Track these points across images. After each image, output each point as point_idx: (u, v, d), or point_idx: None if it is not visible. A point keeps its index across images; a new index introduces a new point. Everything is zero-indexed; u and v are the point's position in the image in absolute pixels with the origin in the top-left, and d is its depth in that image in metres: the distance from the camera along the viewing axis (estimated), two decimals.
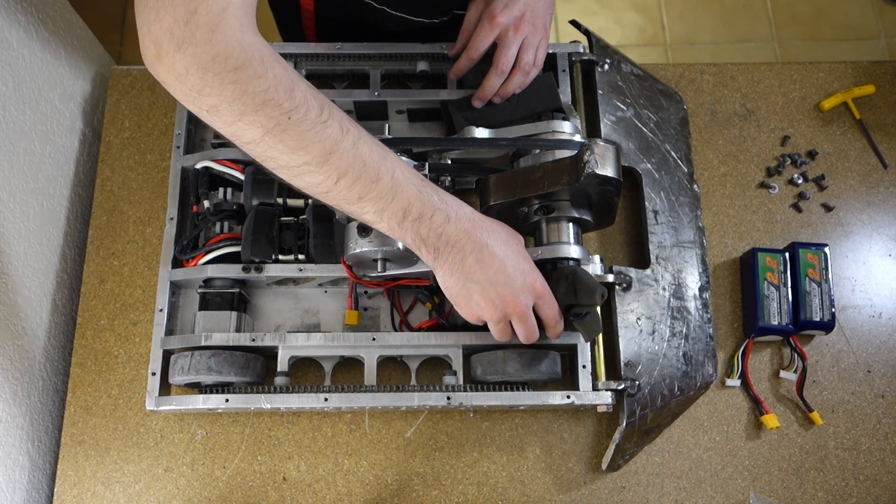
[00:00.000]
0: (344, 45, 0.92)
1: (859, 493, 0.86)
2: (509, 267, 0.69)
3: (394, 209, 0.65)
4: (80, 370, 0.88)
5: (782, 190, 0.97)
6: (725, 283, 0.93)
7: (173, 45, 0.57)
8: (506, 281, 0.68)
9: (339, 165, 0.62)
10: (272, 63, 0.60)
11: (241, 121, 0.59)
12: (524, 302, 0.70)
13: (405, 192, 0.65)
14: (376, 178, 0.64)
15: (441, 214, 0.66)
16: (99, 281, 0.91)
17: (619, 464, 0.84)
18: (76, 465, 0.85)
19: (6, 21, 0.83)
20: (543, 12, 0.85)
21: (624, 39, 2.09)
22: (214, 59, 0.57)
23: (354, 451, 0.86)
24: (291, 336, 0.81)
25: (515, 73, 0.85)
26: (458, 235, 0.67)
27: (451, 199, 0.68)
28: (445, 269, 0.69)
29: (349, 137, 0.63)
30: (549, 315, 0.73)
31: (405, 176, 0.66)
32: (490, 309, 0.70)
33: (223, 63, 0.57)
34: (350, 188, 0.64)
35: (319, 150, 0.61)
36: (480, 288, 0.69)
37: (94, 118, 1.03)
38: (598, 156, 0.73)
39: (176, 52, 0.57)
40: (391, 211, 0.65)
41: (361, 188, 0.64)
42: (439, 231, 0.66)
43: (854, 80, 1.02)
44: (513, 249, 0.70)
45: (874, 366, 0.90)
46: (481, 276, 0.68)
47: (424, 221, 0.66)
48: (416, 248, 0.68)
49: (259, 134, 0.60)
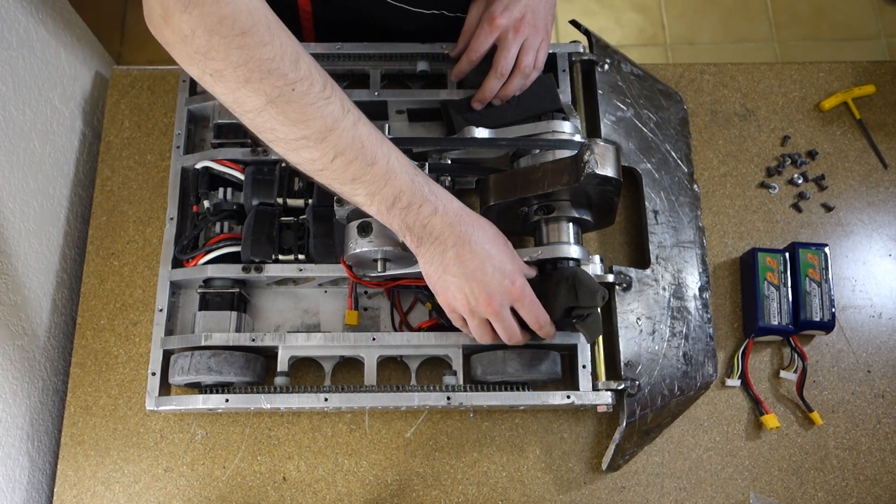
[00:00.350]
0: (344, 45, 0.92)
1: (859, 493, 0.86)
2: (488, 266, 0.69)
3: (385, 195, 0.66)
4: (80, 370, 0.88)
5: (782, 190, 0.97)
6: (725, 283, 0.93)
7: (180, 6, 0.56)
8: (482, 279, 0.69)
9: (336, 144, 0.63)
10: (278, 31, 0.60)
11: (245, 88, 0.59)
12: (498, 302, 0.70)
13: (398, 180, 0.66)
14: (372, 162, 0.64)
15: (429, 206, 0.67)
16: (99, 281, 0.91)
17: (619, 464, 0.84)
18: (76, 465, 0.85)
19: (6, 21, 0.83)
20: (544, 14, 0.85)
21: (624, 39, 2.09)
22: (222, 22, 0.56)
23: (354, 451, 0.86)
24: (291, 336, 0.81)
25: (515, 76, 0.85)
26: (441, 229, 0.68)
27: (441, 192, 0.69)
28: (426, 259, 0.70)
29: (349, 117, 0.63)
30: (531, 319, 0.73)
31: (399, 163, 0.66)
32: (464, 304, 0.71)
33: (230, 26, 0.57)
34: (345, 168, 0.64)
35: (320, 126, 0.62)
36: (457, 282, 0.70)
37: (94, 118, 1.03)
38: (598, 156, 0.73)
39: (182, 12, 0.56)
40: (382, 196, 0.66)
41: (356, 170, 0.64)
42: (425, 222, 0.67)
43: (854, 80, 1.02)
44: (497, 249, 0.71)
45: (874, 366, 0.90)
46: (458, 270, 0.69)
47: (412, 210, 0.67)
48: (402, 234, 0.69)
49: (261, 103, 0.60)
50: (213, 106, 0.89)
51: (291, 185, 0.85)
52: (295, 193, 0.85)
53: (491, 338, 0.75)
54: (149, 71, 1.01)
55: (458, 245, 0.68)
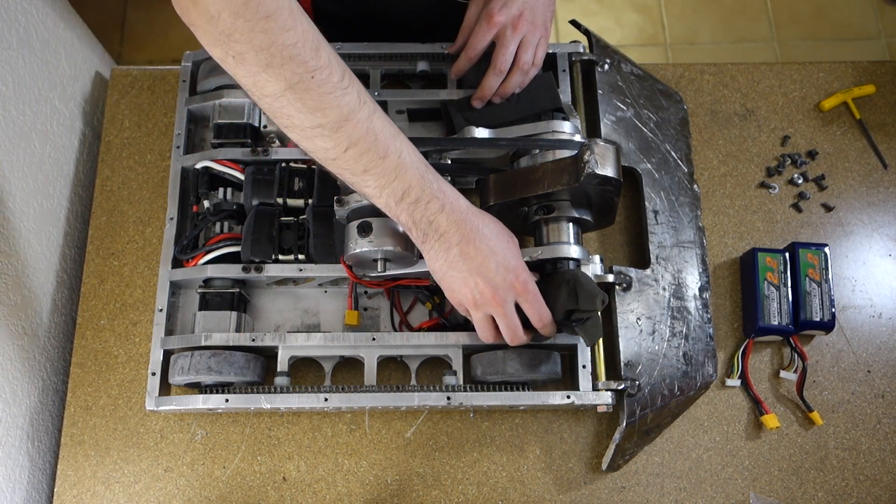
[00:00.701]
0: (344, 45, 0.92)
1: (859, 493, 0.86)
2: (492, 262, 0.70)
3: (394, 188, 0.67)
4: (80, 370, 0.88)
5: (782, 190, 0.97)
6: (725, 283, 0.93)
7: None
8: (486, 274, 0.70)
9: (351, 134, 0.64)
10: (300, 17, 0.61)
11: (266, 72, 0.60)
12: (502, 297, 0.71)
13: (408, 175, 0.67)
14: (384, 155, 0.65)
15: (437, 203, 0.68)
16: (99, 281, 0.91)
17: (619, 464, 0.84)
18: (76, 465, 0.85)
19: (6, 21, 0.83)
20: (543, 10, 0.85)
21: (624, 39, 2.09)
22: (247, 5, 0.57)
23: (354, 451, 0.86)
24: (291, 336, 0.81)
25: (514, 73, 0.85)
26: (447, 226, 0.69)
27: (449, 189, 0.70)
28: (431, 255, 0.71)
29: (365, 109, 0.64)
30: (533, 314, 0.74)
31: (411, 158, 0.67)
32: (469, 299, 0.72)
33: (255, 9, 0.58)
34: (357, 159, 0.65)
35: (336, 116, 0.62)
36: (462, 277, 0.71)
37: (94, 118, 1.03)
38: (598, 156, 0.73)
39: None
40: (391, 189, 0.67)
41: (368, 161, 0.65)
42: (431, 218, 0.68)
43: (854, 80, 1.02)
44: (502, 245, 0.72)
45: (874, 366, 0.90)
46: (463, 266, 0.70)
47: (420, 206, 0.68)
48: (408, 228, 0.70)
49: (281, 88, 0.61)
50: (213, 106, 0.89)
51: (291, 185, 0.85)
52: (295, 193, 0.85)
53: (493, 336, 0.75)
54: (149, 71, 1.01)
55: (462, 242, 0.69)
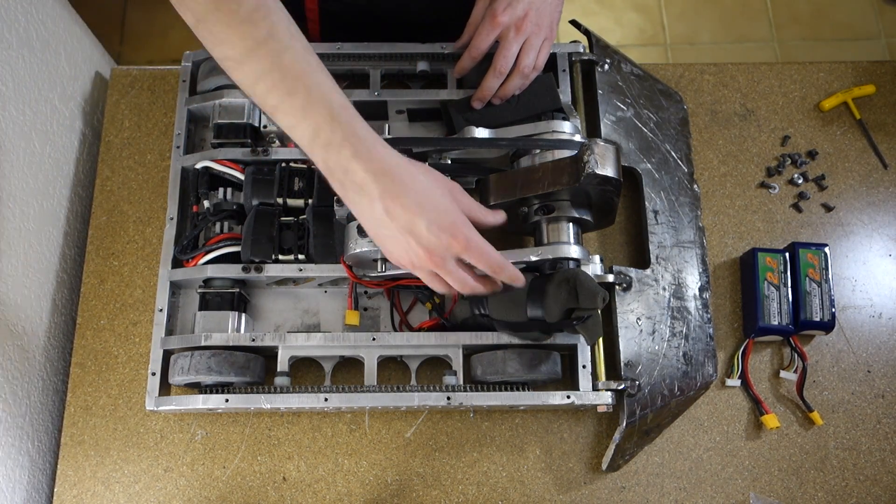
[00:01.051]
0: (344, 44, 0.92)
1: (859, 493, 0.86)
2: (422, 222, 0.63)
3: (303, 129, 0.63)
4: (80, 370, 0.88)
5: (782, 190, 0.97)
6: (725, 283, 0.93)
7: None
8: (418, 236, 0.64)
9: (255, 69, 0.63)
10: None
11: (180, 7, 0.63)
12: (440, 257, 0.65)
13: (315, 115, 0.63)
14: (291, 92, 0.63)
15: (349, 148, 0.62)
16: (99, 281, 0.91)
17: (619, 464, 0.84)
18: (76, 465, 0.85)
19: (6, 21, 0.83)
20: (549, 12, 0.83)
21: (624, 39, 2.09)
22: None
23: (354, 451, 0.86)
24: (291, 336, 0.81)
25: (514, 75, 0.84)
26: (364, 176, 0.63)
27: (371, 136, 0.64)
28: (356, 210, 0.66)
29: (274, 44, 0.63)
30: (483, 266, 0.67)
31: (323, 98, 0.63)
32: (406, 261, 0.67)
33: None
34: (266, 95, 0.64)
35: (241, 49, 0.62)
36: (392, 237, 0.65)
37: (94, 118, 1.03)
38: (598, 156, 0.73)
39: None
40: (301, 129, 0.64)
41: (276, 98, 0.63)
42: (345, 164, 0.63)
43: (854, 80, 1.02)
44: (434, 202, 0.65)
45: (874, 366, 0.90)
46: (392, 225, 0.64)
47: (332, 151, 0.63)
48: (326, 176, 0.65)
49: (192, 21, 0.62)
50: (213, 106, 0.89)
51: (291, 185, 0.85)
52: (295, 193, 0.85)
53: (446, 288, 0.70)
54: (149, 71, 1.01)
55: (385, 197, 0.63)
